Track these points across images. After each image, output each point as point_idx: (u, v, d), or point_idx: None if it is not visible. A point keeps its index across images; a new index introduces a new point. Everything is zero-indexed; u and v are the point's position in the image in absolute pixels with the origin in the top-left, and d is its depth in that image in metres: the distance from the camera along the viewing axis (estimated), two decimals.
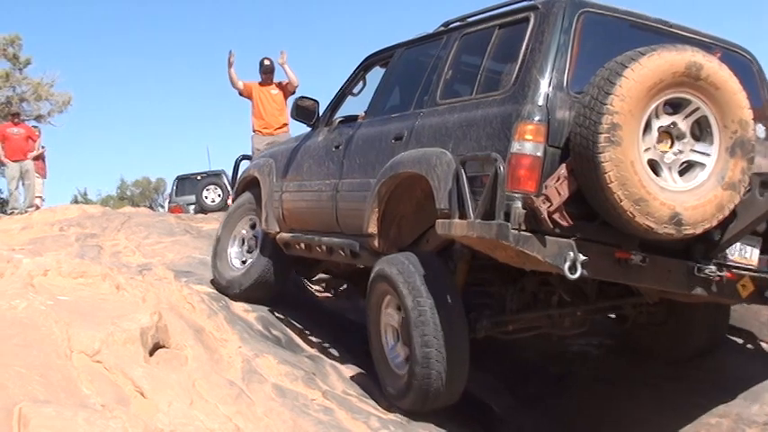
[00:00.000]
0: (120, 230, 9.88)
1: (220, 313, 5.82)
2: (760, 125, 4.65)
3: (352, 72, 6.27)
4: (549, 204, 3.97)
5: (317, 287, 8.23)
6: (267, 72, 10.04)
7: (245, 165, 7.59)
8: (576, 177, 4.00)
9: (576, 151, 3.99)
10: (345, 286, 8.05)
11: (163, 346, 4.76)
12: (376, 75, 6.09)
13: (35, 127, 16.35)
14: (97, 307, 4.99)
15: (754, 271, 4.41)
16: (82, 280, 5.58)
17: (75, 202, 23.18)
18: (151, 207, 26.85)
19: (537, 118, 4.11)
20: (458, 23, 5.30)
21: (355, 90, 6.31)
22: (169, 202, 19.93)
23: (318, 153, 6.14)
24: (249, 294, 6.59)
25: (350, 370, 5.51)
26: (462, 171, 4.28)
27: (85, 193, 30.16)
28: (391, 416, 4.81)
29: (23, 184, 14.37)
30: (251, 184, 7.03)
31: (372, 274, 5.00)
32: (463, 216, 4.22)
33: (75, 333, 4.38)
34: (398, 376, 4.83)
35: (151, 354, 4.57)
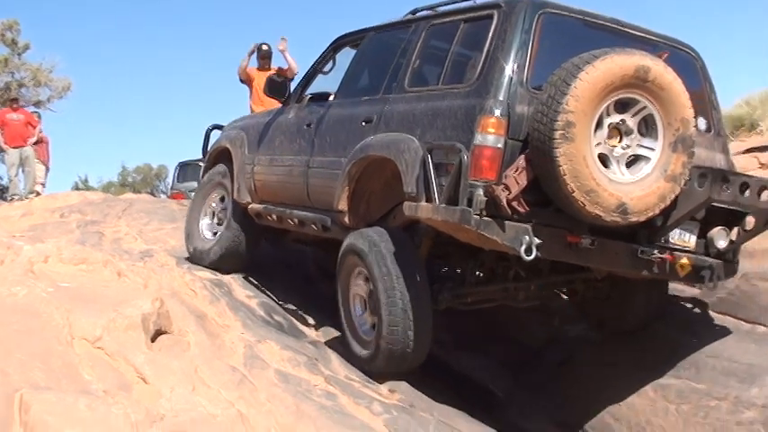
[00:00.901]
0: (121, 217, 9.87)
1: (222, 299, 5.81)
2: (701, 118, 5.00)
3: (322, 51, 6.56)
4: (508, 192, 4.33)
5: None
6: (264, 57, 10.06)
7: (215, 135, 7.75)
8: (533, 168, 4.35)
9: (534, 145, 4.34)
10: None
11: (165, 333, 4.76)
12: (345, 55, 6.38)
13: (35, 112, 16.28)
14: (98, 293, 4.99)
15: (692, 253, 4.86)
16: (83, 266, 5.58)
17: (77, 188, 23.17)
18: (152, 193, 26.85)
19: (498, 112, 4.46)
20: (425, 13, 5.62)
21: (325, 69, 6.62)
22: (171, 189, 19.91)
23: (290, 129, 6.43)
24: (221, 264, 6.84)
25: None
26: (429, 158, 4.62)
27: (86, 180, 30.15)
28: (394, 400, 4.82)
29: (23, 171, 14.33)
30: (222, 155, 7.28)
31: (343, 248, 5.30)
32: (429, 200, 4.59)
33: (77, 319, 4.38)
34: (366, 342, 5.13)
35: (153, 340, 4.57)
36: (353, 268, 5.23)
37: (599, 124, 4.33)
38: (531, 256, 4.35)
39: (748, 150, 9.18)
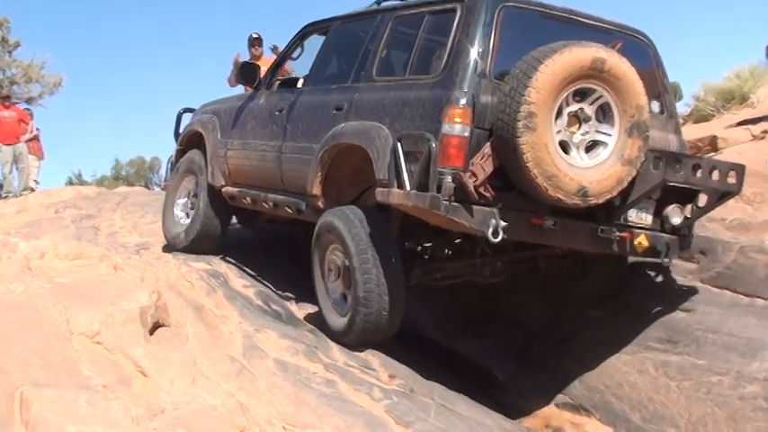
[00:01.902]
0: (115, 211, 9.86)
1: (219, 290, 5.80)
2: (654, 101, 5.33)
3: (291, 39, 6.75)
4: (474, 179, 4.54)
5: None
6: (255, 45, 9.87)
7: (186, 118, 7.90)
8: (498, 156, 4.58)
9: (498, 134, 4.57)
10: None
11: (163, 325, 4.76)
12: (313, 42, 6.58)
13: (27, 109, 16.26)
14: (96, 288, 4.98)
15: (649, 230, 5.12)
16: (79, 262, 5.57)
17: (70, 183, 23.11)
18: (146, 186, 26.78)
19: (464, 102, 4.66)
20: (391, 3, 5.85)
21: (294, 55, 6.92)
22: (164, 181, 19.90)
23: (262, 115, 6.61)
24: (195, 246, 7.05)
25: None
26: (399, 147, 4.83)
27: (80, 175, 30.05)
28: (394, 386, 4.82)
29: (17, 168, 14.31)
30: (194, 139, 7.49)
31: (318, 226, 5.46)
32: (400, 186, 4.79)
33: (75, 315, 4.38)
34: (341, 315, 5.30)
35: (151, 333, 4.57)
36: (329, 245, 5.38)
37: (559, 113, 4.57)
38: (498, 238, 4.57)
39: (741, 123, 9.20)
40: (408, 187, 4.72)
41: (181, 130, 7.80)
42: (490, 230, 4.56)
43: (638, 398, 5.17)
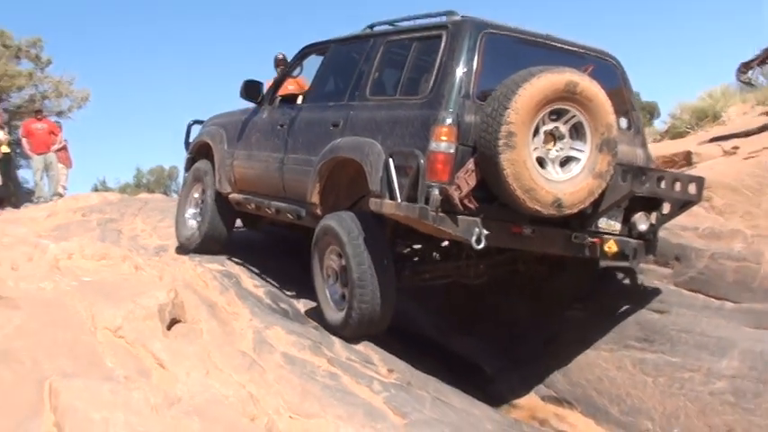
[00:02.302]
0: (137, 215, 9.85)
1: (231, 289, 5.80)
2: (623, 118, 5.39)
3: (291, 58, 6.85)
4: (459, 192, 4.62)
5: None
6: (281, 65, 9.77)
7: (196, 129, 7.92)
8: (481, 170, 4.66)
9: (481, 151, 4.64)
10: None
11: (179, 321, 4.76)
12: (312, 61, 6.66)
13: (57, 122, 16.24)
14: (118, 286, 4.98)
15: (617, 236, 5.20)
16: (104, 262, 5.57)
17: (96, 189, 23.01)
18: (165, 193, 26.74)
19: (449, 122, 4.72)
20: (383, 28, 5.94)
21: (294, 73, 7.11)
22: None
23: (265, 129, 6.65)
24: (203, 248, 7.10)
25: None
26: (391, 162, 4.89)
27: (105, 182, 29.97)
28: (392, 379, 4.82)
29: (48, 175, 14.32)
30: (203, 149, 7.50)
31: (318, 229, 5.50)
32: (392, 197, 4.85)
33: (99, 311, 4.38)
34: (338, 311, 5.35)
35: (169, 328, 4.58)
36: (328, 246, 5.42)
37: (536, 131, 4.65)
38: (481, 245, 4.66)
39: (713, 139, 9.18)
40: (399, 199, 4.79)
41: (190, 141, 7.84)
42: (474, 238, 4.65)
43: (616, 392, 5.17)
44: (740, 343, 4.89)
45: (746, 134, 8.93)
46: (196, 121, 7.95)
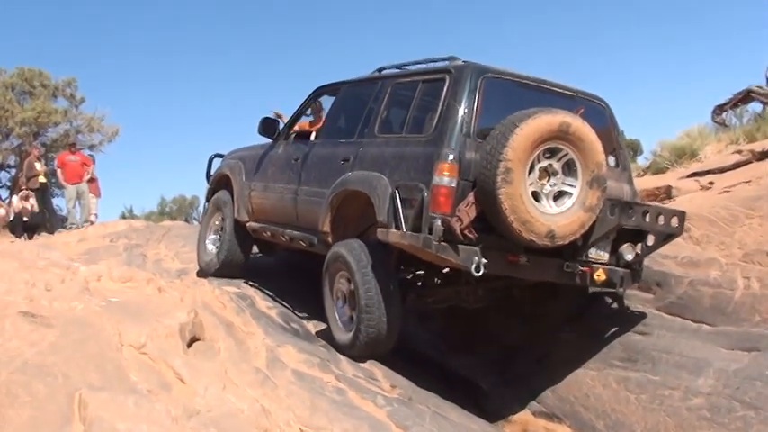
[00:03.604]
0: (161, 241, 9.88)
1: (247, 310, 5.81)
2: (611, 157, 5.42)
3: (306, 98, 6.84)
4: (460, 223, 4.64)
5: None
6: (319, 111, 9.70)
7: (216, 162, 7.93)
8: (480, 203, 4.67)
9: (480, 186, 4.67)
10: None
11: (199, 339, 4.77)
12: (325, 100, 6.80)
13: (90, 155, 16.36)
14: (143, 306, 5.00)
15: (606, 265, 5.21)
16: (129, 284, 5.60)
17: (123, 217, 23.04)
18: (187, 220, 26.74)
19: (451, 158, 4.76)
20: (391, 71, 6.01)
21: (308, 112, 7.03)
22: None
23: (280, 163, 6.67)
24: (222, 272, 7.08)
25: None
26: (397, 194, 4.92)
27: (131, 210, 30.01)
28: (395, 394, 4.80)
29: (80, 204, 14.37)
30: (223, 180, 7.52)
31: (329, 255, 5.50)
32: (398, 227, 4.87)
33: (125, 329, 4.39)
34: (346, 332, 5.33)
35: (189, 346, 4.58)
36: (338, 271, 5.41)
37: (531, 168, 4.69)
38: (480, 273, 4.66)
39: (691, 175, 9.20)
40: (404, 229, 4.80)
41: (212, 173, 7.87)
42: (473, 266, 4.64)
43: (602, 408, 5.13)
44: (715, 363, 4.87)
45: (721, 170, 8.97)
46: (217, 155, 7.98)
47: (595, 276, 5.12)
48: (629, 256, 5.21)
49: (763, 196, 6.63)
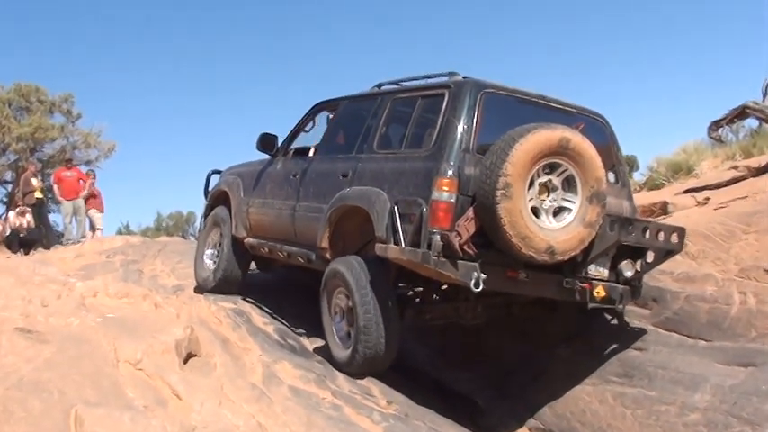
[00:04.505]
0: (157, 257, 9.88)
1: (243, 326, 5.81)
2: (611, 173, 5.41)
3: (304, 114, 6.81)
4: (460, 238, 4.61)
5: None
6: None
7: (215, 179, 7.94)
8: (479, 219, 4.65)
9: (480, 201, 4.65)
10: None
11: (195, 355, 4.77)
12: (322, 117, 6.79)
13: (90, 170, 16.41)
14: (139, 322, 5.00)
15: (605, 281, 5.16)
16: (126, 300, 5.60)
17: (120, 233, 23.04)
18: (183, 236, 26.74)
19: (450, 173, 4.75)
20: (389, 87, 6.00)
21: (306, 128, 6.89)
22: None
23: (279, 178, 6.64)
24: (220, 288, 7.06)
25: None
26: (396, 210, 4.89)
27: (128, 226, 29.97)
28: (391, 410, 4.81)
29: (76, 219, 14.39)
30: (221, 196, 7.50)
31: (327, 271, 5.47)
32: (396, 243, 4.84)
33: (121, 345, 4.39)
34: (345, 348, 5.31)
35: (185, 362, 4.58)
36: (335, 287, 5.39)
37: (531, 184, 4.67)
38: (479, 289, 4.62)
39: (687, 191, 9.26)
40: (403, 244, 4.78)
41: (210, 189, 7.88)
42: (472, 282, 4.61)
43: (598, 424, 5.14)
44: (712, 378, 4.88)
45: (717, 186, 9.02)
46: (215, 171, 8.01)
47: (595, 293, 5.10)
48: (629, 273, 5.19)
49: (759, 212, 6.67)
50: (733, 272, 5.89)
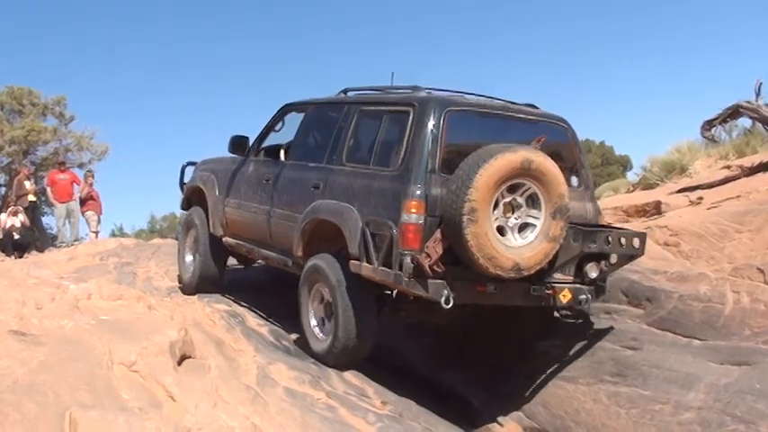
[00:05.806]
0: (151, 259, 9.86)
1: (237, 328, 5.82)
2: (574, 177, 5.59)
3: (273, 115, 6.86)
4: (429, 259, 4.78)
5: None
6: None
7: (189, 170, 7.98)
8: (447, 239, 4.81)
9: (447, 223, 4.81)
10: None
11: (189, 357, 4.77)
12: (292, 117, 6.76)
13: (90, 171, 16.36)
14: (133, 325, 4.99)
15: (571, 284, 5.37)
16: (120, 302, 5.58)
17: (113, 235, 23.01)
18: (177, 238, 26.75)
19: (418, 194, 4.89)
20: (357, 95, 6.12)
21: (276, 128, 6.93)
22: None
23: (252, 181, 6.75)
24: (199, 287, 7.19)
25: (350, 374, 5.50)
26: (367, 230, 5.06)
27: (121, 228, 29.94)
28: (385, 411, 4.82)
29: (69, 222, 14.35)
30: (196, 192, 7.60)
31: (306, 268, 5.67)
32: (369, 261, 5.01)
33: (115, 347, 4.39)
34: (322, 341, 5.50)
35: (179, 363, 4.57)
36: (315, 283, 5.57)
37: (496, 204, 4.86)
38: (450, 305, 4.80)
39: (680, 190, 9.30)
40: (376, 264, 4.94)
41: (185, 181, 7.93)
42: (443, 299, 4.78)
43: (593, 423, 5.17)
44: (706, 377, 4.91)
45: (710, 186, 9.08)
46: (190, 163, 8.05)
47: (561, 297, 5.30)
48: (594, 274, 5.38)
49: (752, 211, 6.72)
50: (726, 271, 5.93)
